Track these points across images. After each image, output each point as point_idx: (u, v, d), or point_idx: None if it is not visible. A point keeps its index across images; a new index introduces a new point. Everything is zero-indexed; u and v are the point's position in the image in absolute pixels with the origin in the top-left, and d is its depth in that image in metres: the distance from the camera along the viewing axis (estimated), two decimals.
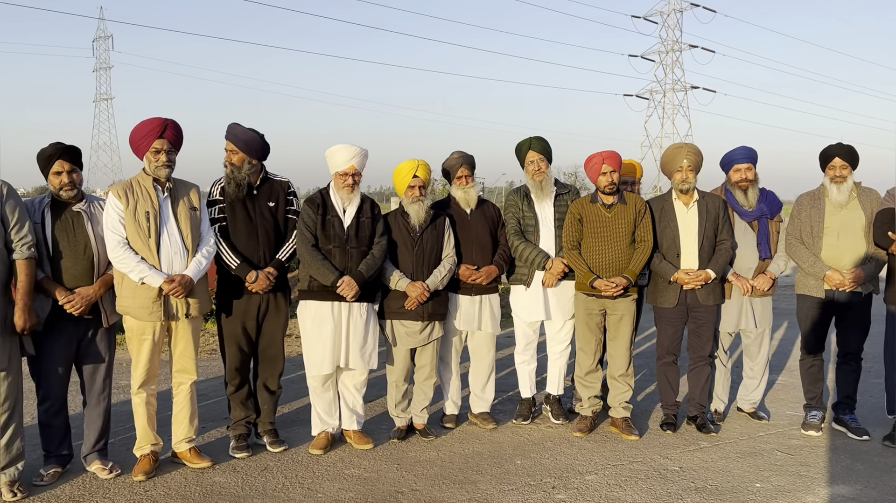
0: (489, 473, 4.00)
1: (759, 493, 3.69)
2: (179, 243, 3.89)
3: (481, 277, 4.52)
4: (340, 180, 4.25)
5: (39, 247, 3.65)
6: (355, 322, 4.28)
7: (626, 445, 4.43)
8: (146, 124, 3.89)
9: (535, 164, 4.69)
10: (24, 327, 3.52)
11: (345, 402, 4.46)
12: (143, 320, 3.83)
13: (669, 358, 4.67)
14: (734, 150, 4.70)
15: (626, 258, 4.43)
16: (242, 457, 4.19)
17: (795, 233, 4.56)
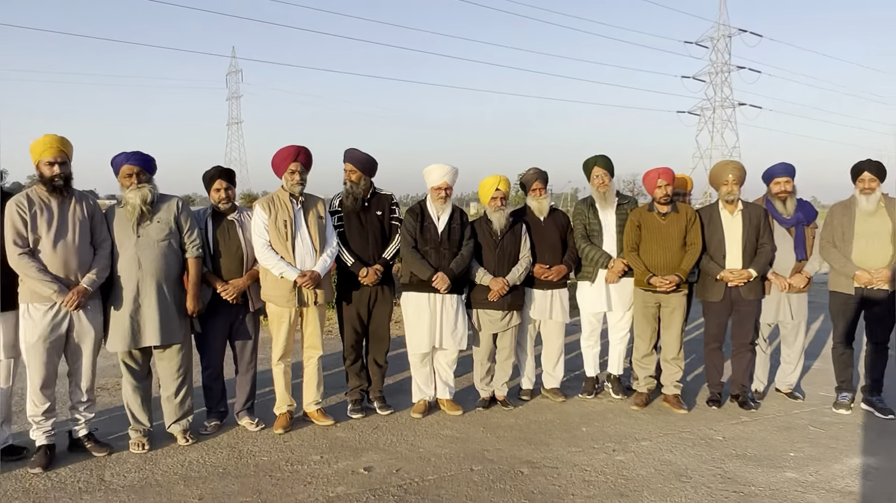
0: (559, 437, 4.23)
1: (792, 461, 3.84)
2: (310, 245, 4.24)
3: (552, 275, 4.69)
4: (435, 193, 4.52)
5: (204, 248, 4.08)
6: (447, 310, 4.51)
7: (676, 418, 4.59)
8: (283, 151, 4.28)
9: (599, 177, 4.82)
10: (193, 311, 4.03)
11: (439, 376, 4.70)
12: (282, 306, 4.23)
13: (715, 344, 4.79)
14: (775, 165, 4.80)
15: (678, 259, 4.54)
16: (358, 417, 4.52)
17: (829, 237, 4.65)
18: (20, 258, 3.49)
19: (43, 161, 3.61)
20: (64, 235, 3.61)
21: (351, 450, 4.02)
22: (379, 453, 3.97)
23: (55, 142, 3.64)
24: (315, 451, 4.00)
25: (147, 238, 3.85)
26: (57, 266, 3.58)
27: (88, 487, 3.49)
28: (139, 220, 3.84)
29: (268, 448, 4.04)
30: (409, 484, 3.55)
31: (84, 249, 3.69)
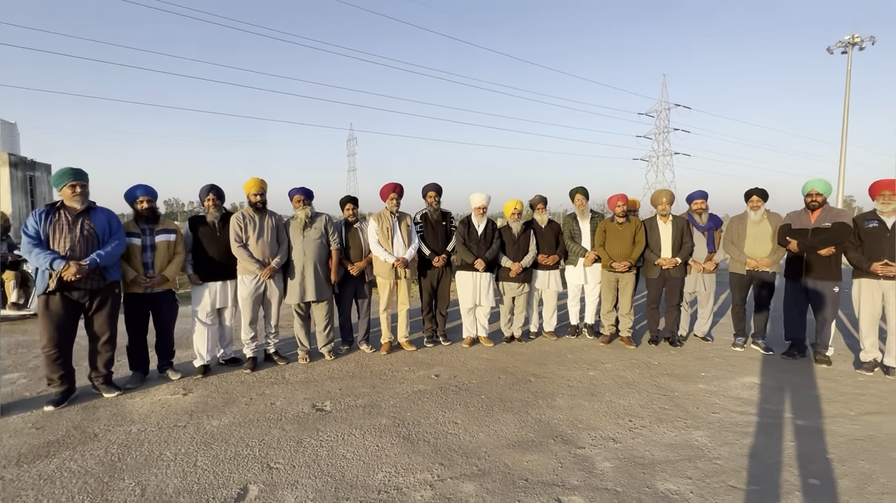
0: (553, 361, 4.29)
1: (703, 378, 3.83)
2: (402, 242, 4.39)
3: (549, 261, 4.71)
4: (476, 211, 4.59)
5: (340, 243, 4.29)
6: (484, 282, 4.60)
7: (628, 351, 4.59)
8: (387, 186, 4.46)
9: (579, 200, 4.84)
10: (334, 280, 4.29)
11: (479, 322, 4.80)
12: (386, 278, 4.41)
13: (654, 305, 4.74)
14: (694, 192, 4.73)
15: (630, 251, 4.53)
16: (430, 346, 4.68)
17: (729, 237, 4.58)
18: (238, 249, 3.82)
19: (250, 193, 3.94)
20: (262, 236, 3.92)
21: (426, 364, 4.19)
22: (443, 367, 4.13)
23: (258, 182, 3.97)
24: (405, 364, 4.18)
25: (308, 237, 4.11)
26: (258, 254, 3.89)
27: (276, 381, 3.79)
28: (303, 227, 4.11)
29: (377, 362, 4.24)
30: (461, 384, 3.71)
31: (273, 244, 3.99)
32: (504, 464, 2.53)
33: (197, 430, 2.90)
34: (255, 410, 3.20)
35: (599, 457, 2.59)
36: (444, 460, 2.56)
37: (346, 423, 3.00)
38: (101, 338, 3.37)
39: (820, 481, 2.36)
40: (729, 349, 4.67)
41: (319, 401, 3.36)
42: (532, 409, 3.23)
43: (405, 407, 3.27)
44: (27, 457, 2.58)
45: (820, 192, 4.08)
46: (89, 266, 3.11)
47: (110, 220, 3.33)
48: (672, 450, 2.67)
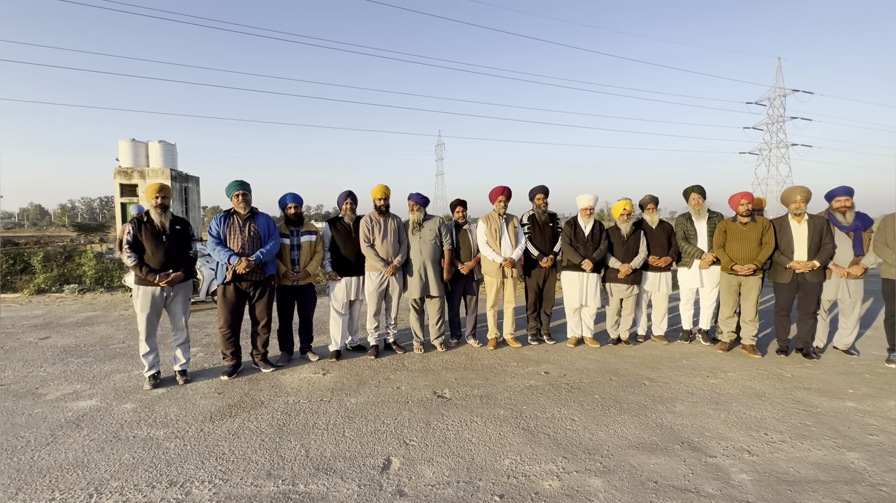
0: (667, 365, 4.07)
1: (851, 395, 3.39)
2: (509, 243, 4.44)
3: (661, 263, 4.49)
4: (583, 212, 4.49)
5: (451, 243, 4.45)
6: (591, 282, 4.50)
7: (752, 360, 4.20)
8: (497, 189, 4.51)
9: (695, 199, 4.55)
10: (447, 278, 4.43)
11: (584, 322, 4.67)
12: (493, 277, 4.49)
13: (784, 312, 4.28)
14: (836, 188, 4.18)
15: (755, 253, 4.15)
16: (534, 344, 4.64)
17: (882, 239, 3.98)
18: (366, 248, 4.17)
19: (376, 198, 4.27)
20: (386, 237, 4.24)
21: (534, 362, 4.20)
22: (551, 364, 4.11)
23: (383, 188, 4.29)
24: (513, 360, 4.24)
25: (423, 238, 4.35)
26: (382, 253, 4.21)
27: (398, 367, 4.08)
28: (417, 228, 4.36)
29: (486, 356, 4.34)
30: (573, 383, 3.68)
31: (395, 244, 4.29)
32: (629, 464, 2.48)
33: (340, 406, 3.25)
34: (385, 392, 3.49)
35: (735, 469, 2.42)
36: (566, 454, 2.58)
37: (467, 411, 3.15)
38: (261, 322, 3.91)
39: None
40: (882, 365, 4.06)
41: (439, 389, 3.55)
42: (651, 413, 3.11)
43: (520, 400, 3.33)
44: (217, 415, 3.10)
45: None
46: (255, 261, 3.63)
47: (269, 224, 3.85)
48: (822, 470, 2.40)
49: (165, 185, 3.55)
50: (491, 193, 4.62)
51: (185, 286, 3.64)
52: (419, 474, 2.39)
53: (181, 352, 3.68)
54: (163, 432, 2.84)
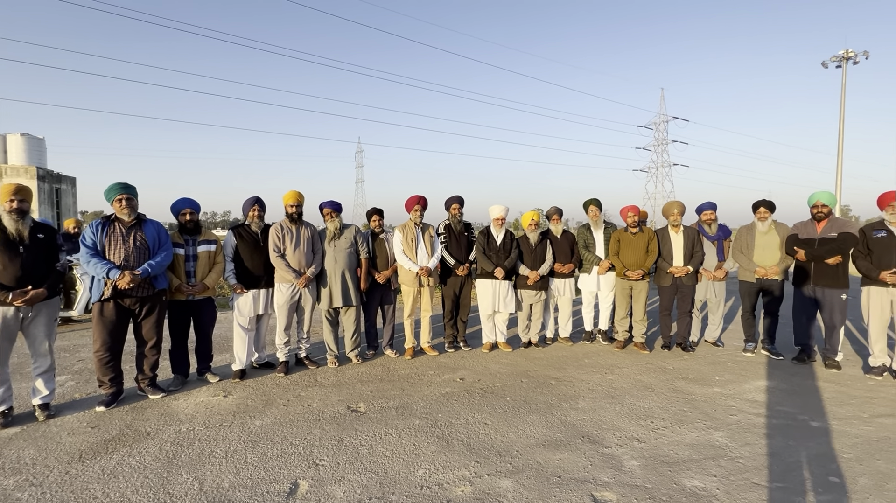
0: (572, 365, 4.34)
1: (718, 382, 3.87)
2: (425, 252, 4.47)
3: (565, 269, 4.79)
4: (495, 222, 4.67)
5: (368, 253, 4.38)
6: (503, 289, 4.65)
7: (642, 356, 4.63)
8: (412, 198, 4.52)
9: (593, 211, 4.92)
10: (363, 288, 4.38)
11: (498, 328, 4.86)
12: (410, 286, 4.47)
13: (666, 312, 4.79)
14: (704, 203, 4.81)
15: (643, 260, 4.59)
16: (451, 351, 4.73)
17: (738, 247, 4.64)
18: (276, 258, 3.93)
19: (288, 204, 4.05)
20: (298, 246, 4.03)
21: (450, 369, 4.24)
22: (466, 371, 4.18)
23: (295, 194, 4.09)
24: (430, 368, 4.25)
25: (339, 247, 4.21)
26: (294, 263, 3.99)
27: (310, 383, 3.87)
28: (333, 237, 4.22)
29: (403, 366, 4.30)
30: (486, 387, 3.78)
31: (308, 254, 4.09)
32: (536, 461, 2.59)
33: (242, 429, 2.98)
34: (294, 411, 3.28)
35: (626, 456, 2.65)
36: (479, 458, 2.63)
37: (382, 424, 3.08)
38: (148, 343, 3.47)
39: (839, 479, 2.40)
40: (740, 354, 4.70)
41: (353, 403, 3.43)
42: (556, 411, 3.29)
43: (436, 408, 3.34)
44: (88, 453, 2.67)
45: (825, 203, 4.15)
46: (142, 275, 3.23)
47: (159, 232, 3.45)
48: (695, 450, 2.72)
49: (23, 187, 3.02)
50: (407, 203, 4.62)
51: (50, 305, 3.11)
52: (329, 495, 2.27)
53: (43, 382, 3.13)
54: (13, 480, 2.37)
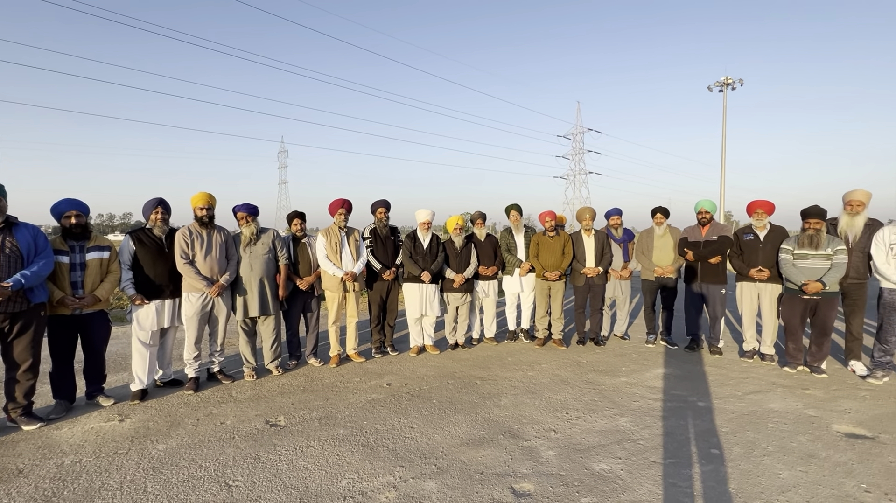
0: (496, 364, 4.49)
1: (624, 372, 4.24)
2: (350, 257, 4.39)
3: (489, 272, 4.94)
4: (422, 226, 4.71)
5: (289, 258, 4.20)
6: (430, 293, 4.71)
7: (559, 352, 4.91)
8: (336, 201, 4.42)
9: (514, 216, 5.16)
10: (283, 295, 4.17)
11: (425, 331, 4.89)
12: (334, 292, 4.36)
13: (580, 310, 5.15)
14: (612, 209, 5.25)
15: (560, 262, 4.89)
16: (378, 357, 4.68)
17: (640, 249, 5.12)
18: (184, 265, 3.61)
19: (197, 207, 3.75)
20: (210, 252, 3.74)
21: (377, 374, 4.20)
22: (394, 376, 4.16)
23: (205, 196, 3.79)
24: (356, 375, 4.16)
25: (255, 253, 3.99)
26: (206, 270, 3.70)
27: (223, 399, 3.61)
28: (249, 243, 3.99)
29: (328, 375, 4.17)
30: (413, 391, 3.79)
31: (222, 260, 3.82)
32: (460, 460, 2.65)
33: (142, 456, 2.70)
34: (205, 431, 3.04)
35: (544, 447, 2.81)
36: (404, 462, 2.63)
37: (303, 436, 2.96)
38: (21, 366, 3.02)
39: (719, 450, 2.76)
40: (643, 346, 5.18)
41: (272, 417, 3.26)
42: (481, 409, 3.39)
43: (361, 416, 3.28)
44: None
45: (708, 210, 4.74)
46: (12, 288, 2.80)
47: (36, 238, 3.02)
48: (603, 436, 2.96)
49: None
50: (331, 206, 4.51)
51: None
52: None
53: None
54: None
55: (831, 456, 2.67)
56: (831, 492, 2.31)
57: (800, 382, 3.94)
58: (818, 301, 3.99)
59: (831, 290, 3.93)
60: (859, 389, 3.76)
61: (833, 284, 3.91)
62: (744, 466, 2.57)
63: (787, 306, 4.16)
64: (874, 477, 2.44)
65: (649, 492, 2.32)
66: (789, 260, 4.09)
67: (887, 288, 3.79)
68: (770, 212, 4.38)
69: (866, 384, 3.87)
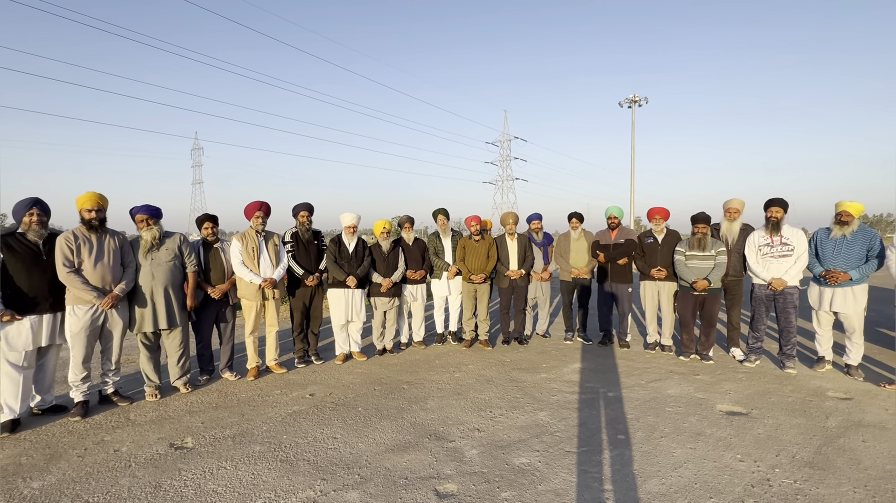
0: (424, 367, 4.52)
1: (545, 369, 4.46)
2: (269, 262, 4.18)
3: (417, 275, 4.99)
4: (347, 230, 4.62)
5: (198, 265, 3.92)
6: (356, 298, 4.62)
7: (486, 352, 5.06)
8: (253, 204, 4.19)
9: (441, 220, 5.24)
10: (191, 306, 3.89)
11: (352, 338, 4.79)
12: (251, 300, 4.13)
13: (505, 310, 5.32)
14: (532, 214, 5.53)
15: (485, 265, 5.06)
16: (302, 367, 4.50)
17: (558, 251, 5.46)
18: (68, 275, 3.20)
19: (84, 209, 3.34)
20: (101, 258, 3.35)
21: (299, 385, 4.03)
22: (318, 385, 4.02)
23: (93, 196, 3.39)
24: (276, 388, 3.97)
25: (158, 259, 3.66)
26: (96, 280, 3.31)
27: (119, 424, 3.25)
28: (150, 248, 3.65)
29: (244, 389, 3.93)
30: (338, 400, 3.69)
31: (116, 268, 3.44)
32: (385, 467, 2.63)
33: (11, 496, 2.33)
34: (94, 461, 2.71)
35: (468, 447, 2.87)
36: (325, 475, 2.55)
37: (214, 457, 2.75)
38: None
39: (624, 436, 3.02)
40: (562, 343, 5.50)
41: (178, 439, 2.99)
42: (407, 414, 3.39)
43: (280, 430, 3.12)
44: None
45: (616, 215, 5.18)
46: None
47: None
48: (524, 431, 3.10)
49: None
50: (247, 209, 4.26)
51: None
52: None
53: None
54: None
55: (714, 432, 3.03)
56: (714, 464, 2.63)
57: (692, 369, 4.43)
58: (705, 296, 4.53)
59: (715, 287, 4.49)
60: (738, 372, 4.32)
61: (717, 281, 4.46)
62: (645, 448, 2.83)
63: (681, 302, 4.67)
64: (747, 448, 2.82)
65: (563, 481, 2.47)
66: (682, 260, 4.59)
67: (758, 283, 4.40)
68: (666, 217, 4.89)
69: (743, 368, 4.46)
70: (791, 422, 3.18)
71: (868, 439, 2.90)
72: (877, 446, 2.81)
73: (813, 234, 4.28)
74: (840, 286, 3.97)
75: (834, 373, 4.23)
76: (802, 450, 2.77)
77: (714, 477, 2.49)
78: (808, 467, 2.57)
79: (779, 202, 4.26)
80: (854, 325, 4.01)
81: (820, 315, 4.21)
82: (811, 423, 3.15)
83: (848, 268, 3.93)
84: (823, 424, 3.14)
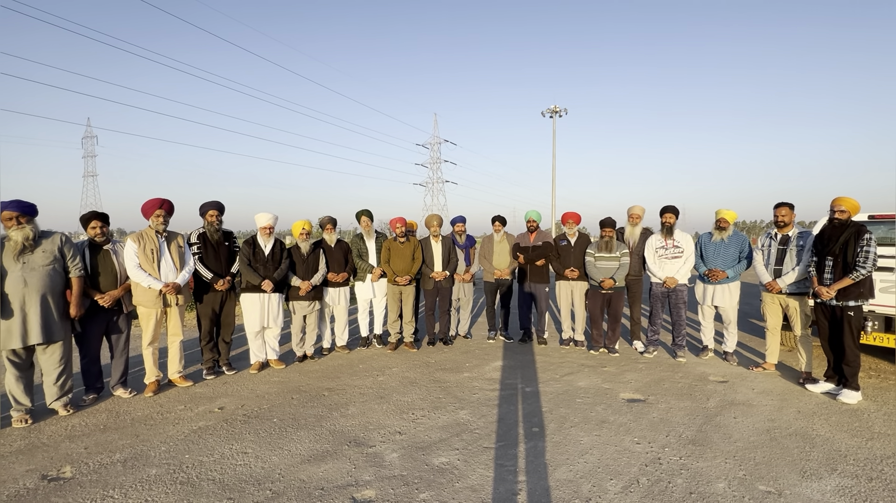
0: (346, 372, 4.42)
1: (467, 368, 4.57)
2: (172, 266, 3.85)
3: (339, 278, 4.86)
4: (263, 231, 4.40)
5: (84, 269, 3.50)
6: (272, 303, 4.41)
7: (411, 354, 5.07)
8: (152, 201, 3.83)
9: (365, 222, 5.18)
10: (76, 315, 3.44)
11: (268, 345, 4.57)
12: (150, 308, 3.77)
13: (430, 311, 5.40)
14: (456, 217, 5.63)
15: (411, 267, 5.09)
16: (211, 378, 4.20)
17: (482, 253, 5.62)
18: None
19: None
20: None
21: (207, 398, 3.75)
22: (228, 398, 3.77)
23: None
24: (180, 403, 3.65)
25: (31, 264, 3.19)
26: None
27: None
28: (22, 251, 3.18)
29: (141, 407, 3.57)
30: (250, 412, 3.48)
31: None
32: (299, 479, 2.52)
33: None
34: None
35: (388, 451, 2.85)
36: (232, 494, 2.38)
37: (99, 486, 2.45)
38: None
39: (538, 428, 3.19)
40: (485, 342, 5.68)
41: (54, 469, 2.62)
42: (326, 422, 3.28)
43: (182, 449, 2.86)
44: None
45: (534, 219, 5.47)
46: None
47: None
48: (444, 431, 3.15)
49: None
50: (144, 207, 3.88)
51: None
52: None
53: None
54: None
55: (617, 419, 3.32)
56: (615, 448, 2.87)
57: (600, 362, 4.81)
58: (612, 294, 4.94)
59: (619, 285, 4.91)
60: (638, 363, 4.77)
61: (621, 280, 4.89)
62: (556, 438, 3.01)
63: (591, 299, 5.05)
64: (643, 431, 3.12)
65: (480, 476, 2.55)
66: (592, 261, 4.97)
67: (655, 282, 4.90)
68: (578, 221, 5.26)
69: (643, 358, 4.93)
70: (680, 405, 3.58)
71: (738, 416, 3.36)
72: (744, 421, 3.26)
73: (698, 237, 4.86)
74: (719, 283, 4.55)
75: (715, 359, 4.84)
76: (688, 430, 3.12)
77: (614, 460, 2.72)
78: (691, 444, 2.91)
79: (671, 209, 4.78)
80: (730, 317, 4.63)
81: (703, 309, 4.80)
82: (695, 405, 3.57)
83: (725, 268, 4.52)
84: (705, 405, 3.57)
